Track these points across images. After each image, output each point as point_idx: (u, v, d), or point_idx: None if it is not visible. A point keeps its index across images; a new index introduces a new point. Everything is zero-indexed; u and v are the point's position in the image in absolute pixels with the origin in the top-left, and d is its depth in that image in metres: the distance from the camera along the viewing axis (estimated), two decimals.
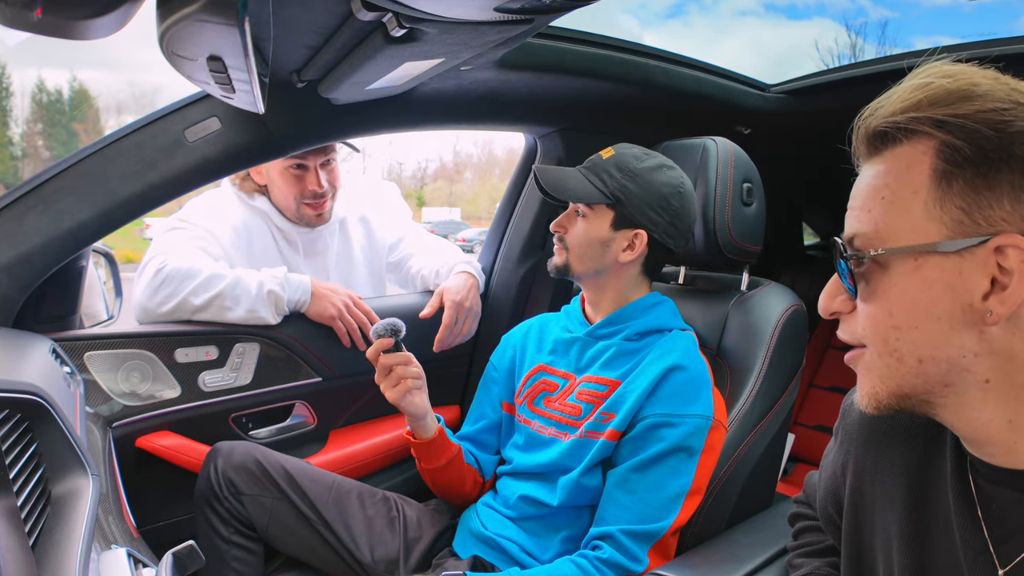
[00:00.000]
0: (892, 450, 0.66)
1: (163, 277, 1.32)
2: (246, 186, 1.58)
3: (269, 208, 1.58)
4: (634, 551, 1.04)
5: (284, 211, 1.59)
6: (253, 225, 1.56)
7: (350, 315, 1.46)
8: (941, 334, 0.53)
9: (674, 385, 1.10)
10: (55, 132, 28.14)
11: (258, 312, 1.36)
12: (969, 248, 0.51)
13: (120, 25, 0.59)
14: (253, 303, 1.36)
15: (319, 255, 1.66)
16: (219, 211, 1.52)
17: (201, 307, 1.33)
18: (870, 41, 23.04)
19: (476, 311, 1.64)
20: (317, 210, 1.57)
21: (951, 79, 0.53)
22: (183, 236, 1.43)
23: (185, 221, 1.46)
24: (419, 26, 0.74)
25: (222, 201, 1.56)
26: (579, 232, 1.20)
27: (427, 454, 1.24)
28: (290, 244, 1.61)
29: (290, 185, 1.53)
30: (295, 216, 1.58)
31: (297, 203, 1.55)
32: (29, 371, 0.84)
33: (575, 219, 1.21)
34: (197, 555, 0.69)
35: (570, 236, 1.21)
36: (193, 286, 1.32)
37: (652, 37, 77.40)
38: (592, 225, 1.19)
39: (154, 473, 1.30)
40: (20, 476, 0.65)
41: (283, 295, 1.39)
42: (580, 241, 1.20)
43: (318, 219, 1.59)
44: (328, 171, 1.56)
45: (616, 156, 1.19)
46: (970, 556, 0.57)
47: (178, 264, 1.33)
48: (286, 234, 1.60)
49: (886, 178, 0.55)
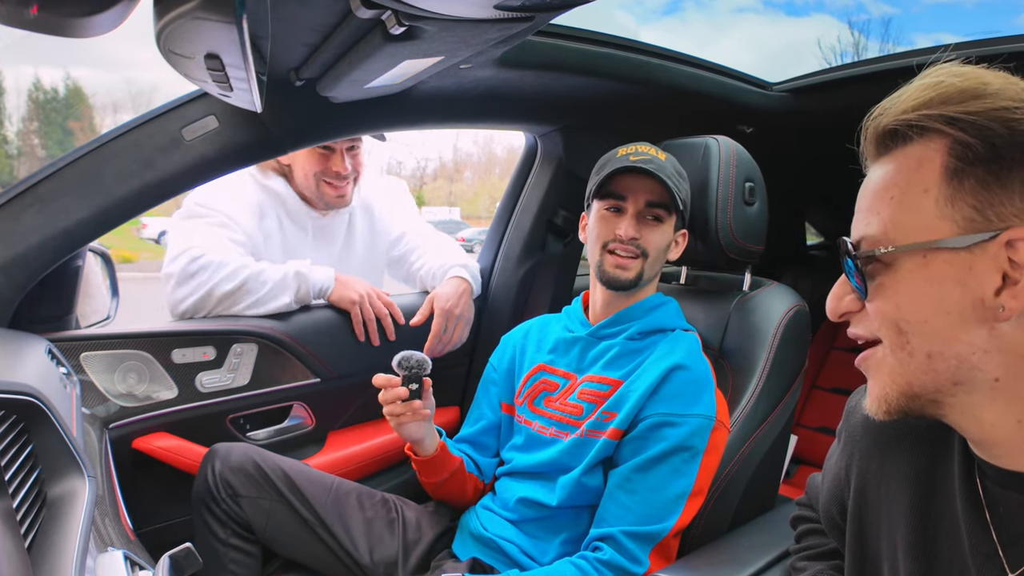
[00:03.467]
0: (898, 454, 0.66)
1: (197, 267, 1.35)
2: (268, 163, 1.58)
3: (283, 188, 1.57)
4: (635, 553, 1.03)
5: (303, 190, 1.59)
6: (263, 205, 1.56)
7: (371, 304, 1.48)
8: (950, 329, 0.53)
9: (677, 385, 1.09)
10: (51, 130, 28.10)
11: (279, 297, 1.40)
12: (980, 243, 0.51)
13: (117, 23, 0.58)
14: (276, 288, 1.39)
15: (327, 241, 1.66)
16: (234, 193, 1.52)
17: (227, 295, 1.36)
18: (872, 39, 23.05)
19: (468, 317, 1.61)
20: (338, 191, 1.58)
21: (962, 78, 0.53)
22: (206, 225, 1.44)
23: (203, 206, 1.46)
24: (418, 24, 0.74)
25: (236, 181, 1.54)
26: (658, 238, 1.18)
27: (428, 469, 1.23)
28: (299, 228, 1.61)
29: (314, 163, 1.54)
30: (313, 195, 1.58)
31: (317, 180, 1.56)
32: (25, 372, 0.83)
33: (650, 224, 1.17)
34: (194, 557, 0.68)
35: (651, 243, 1.17)
36: (223, 275, 1.36)
37: (648, 34, 77.20)
38: (667, 229, 1.19)
39: (151, 475, 1.30)
40: (16, 478, 0.65)
41: (309, 277, 1.43)
42: (660, 247, 1.18)
43: (339, 200, 1.60)
44: (352, 156, 1.57)
45: (671, 157, 1.19)
46: (979, 561, 0.57)
47: (213, 258, 1.37)
48: (296, 217, 1.60)
49: (896, 177, 0.55)
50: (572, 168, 1.66)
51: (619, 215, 1.17)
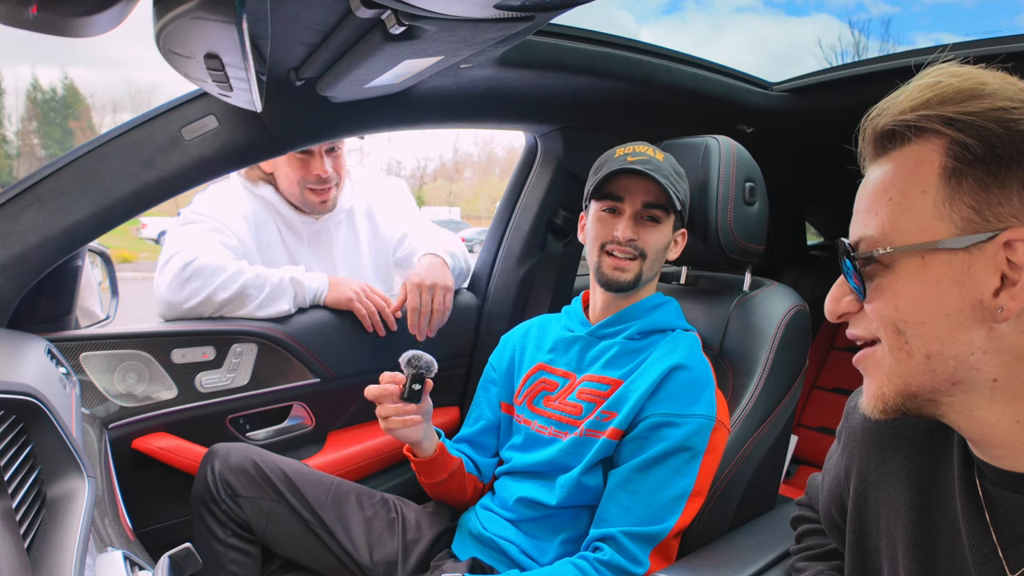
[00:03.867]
0: (897, 454, 0.66)
1: (191, 272, 1.34)
2: (252, 174, 1.59)
3: (274, 197, 1.58)
4: (635, 553, 1.03)
5: (289, 197, 1.59)
6: (260, 215, 1.57)
7: (368, 299, 1.49)
8: (949, 330, 0.53)
9: (677, 385, 1.09)
10: (50, 130, 28.10)
11: (277, 301, 1.40)
12: (978, 244, 0.51)
13: (116, 22, 0.58)
14: (274, 292, 1.40)
15: (324, 246, 1.66)
16: (229, 202, 1.53)
17: (226, 301, 1.36)
18: (873, 38, 23.03)
19: (446, 284, 1.54)
20: (321, 197, 1.58)
21: (960, 78, 0.53)
22: (201, 229, 1.44)
23: (199, 214, 1.47)
24: (418, 23, 0.74)
25: (230, 192, 1.57)
26: (656, 239, 1.17)
27: (427, 470, 1.23)
28: (295, 235, 1.62)
29: (295, 170, 1.54)
30: (300, 202, 1.59)
31: (301, 188, 1.56)
32: (24, 372, 0.83)
33: (647, 225, 1.17)
34: (194, 558, 0.68)
35: (648, 244, 1.16)
36: (220, 281, 1.35)
37: (647, 33, 77.09)
38: (665, 230, 1.18)
39: (151, 475, 1.29)
40: (15, 478, 0.65)
41: (304, 282, 1.44)
42: (659, 248, 1.18)
43: (322, 206, 1.59)
44: (333, 158, 1.57)
45: (669, 157, 1.19)
46: (979, 561, 0.57)
47: (206, 261, 1.35)
48: (291, 224, 1.60)
49: (894, 178, 0.55)
50: (572, 168, 1.66)
51: (616, 216, 1.17)
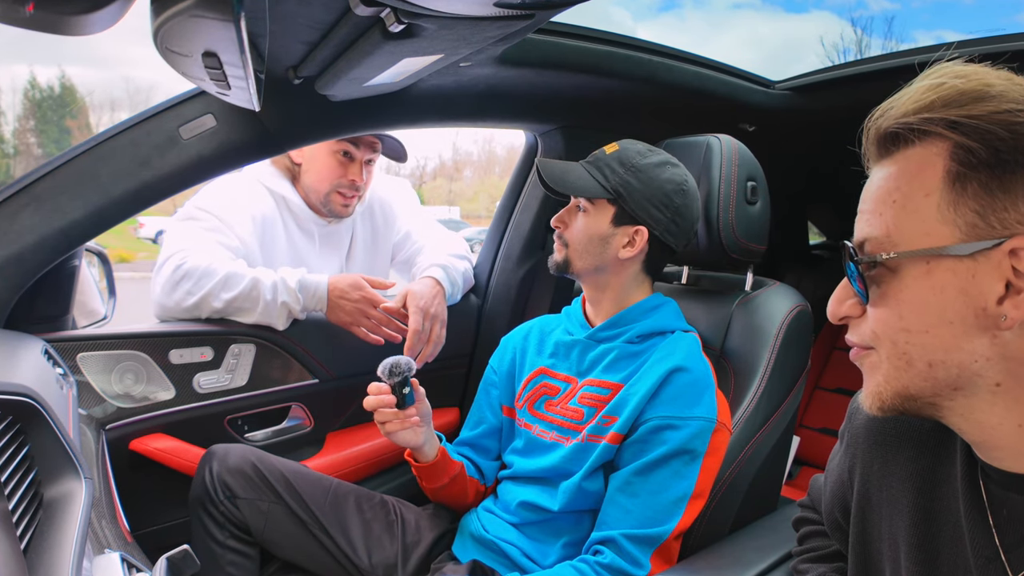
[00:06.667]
0: (900, 455, 0.66)
1: (181, 275, 1.32)
2: (279, 161, 1.55)
3: (291, 194, 1.55)
4: (636, 556, 1.02)
5: (310, 194, 1.56)
6: (268, 214, 1.53)
7: (367, 317, 1.43)
8: (953, 339, 0.52)
9: (677, 387, 1.08)
10: (47, 129, 28.09)
11: (270, 319, 1.38)
12: (983, 251, 0.50)
13: (114, 21, 0.58)
14: (266, 310, 1.36)
15: (334, 249, 1.64)
16: (234, 198, 1.49)
17: (218, 309, 1.33)
18: (875, 36, 23.00)
19: (443, 319, 1.53)
20: (346, 201, 1.56)
21: (964, 79, 0.52)
22: (199, 228, 1.41)
23: (201, 210, 1.43)
24: (418, 22, 0.73)
25: (238, 187, 1.52)
26: (579, 228, 1.19)
27: (428, 474, 1.22)
28: (305, 235, 1.59)
29: (331, 169, 1.52)
30: (321, 202, 1.55)
31: (331, 188, 1.53)
32: (21, 372, 0.83)
33: (576, 214, 1.20)
34: (192, 560, 0.68)
35: (570, 232, 1.20)
36: (211, 286, 1.32)
37: (645, 31, 77.11)
38: (593, 220, 1.18)
39: (148, 476, 1.29)
40: (11, 479, 0.64)
41: (296, 306, 1.39)
42: (580, 237, 1.18)
43: (344, 210, 1.58)
44: (367, 170, 1.56)
45: (619, 151, 1.18)
46: (981, 563, 0.56)
47: (197, 262, 1.33)
48: (302, 224, 1.57)
49: (897, 181, 0.55)
50: None
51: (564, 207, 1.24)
